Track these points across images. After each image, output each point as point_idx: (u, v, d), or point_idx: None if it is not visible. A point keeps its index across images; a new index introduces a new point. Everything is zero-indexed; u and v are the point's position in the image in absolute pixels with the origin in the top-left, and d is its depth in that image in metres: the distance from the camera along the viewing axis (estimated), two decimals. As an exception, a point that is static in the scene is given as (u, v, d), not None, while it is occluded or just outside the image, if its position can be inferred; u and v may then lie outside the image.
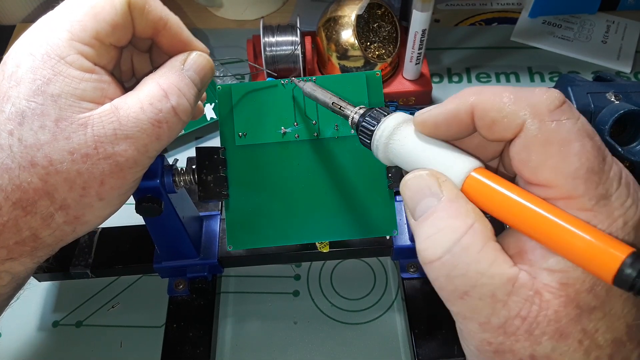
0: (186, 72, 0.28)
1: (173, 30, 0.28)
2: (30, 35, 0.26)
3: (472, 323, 0.20)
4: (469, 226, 0.20)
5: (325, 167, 0.34)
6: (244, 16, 0.64)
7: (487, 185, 0.21)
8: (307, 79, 0.33)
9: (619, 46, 0.60)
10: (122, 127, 0.25)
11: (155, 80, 0.27)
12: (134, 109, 0.25)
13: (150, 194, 0.32)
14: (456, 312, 0.21)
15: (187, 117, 0.27)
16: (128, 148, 0.25)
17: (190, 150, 0.52)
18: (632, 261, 0.17)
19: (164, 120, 0.26)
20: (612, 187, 0.19)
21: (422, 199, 0.21)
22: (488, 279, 0.19)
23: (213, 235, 0.41)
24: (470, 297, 0.20)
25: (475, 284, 0.20)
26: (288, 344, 0.41)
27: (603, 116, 0.39)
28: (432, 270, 0.21)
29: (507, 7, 0.66)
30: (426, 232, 0.21)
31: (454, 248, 0.20)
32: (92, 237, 0.42)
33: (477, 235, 0.20)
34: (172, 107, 0.26)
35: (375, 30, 0.51)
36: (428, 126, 0.23)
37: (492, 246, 0.20)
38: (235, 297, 0.43)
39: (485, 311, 0.20)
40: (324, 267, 0.45)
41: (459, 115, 0.22)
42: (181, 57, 0.28)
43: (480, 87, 0.22)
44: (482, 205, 0.21)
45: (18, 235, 0.25)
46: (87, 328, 0.42)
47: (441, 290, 0.21)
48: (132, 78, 0.32)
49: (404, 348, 0.40)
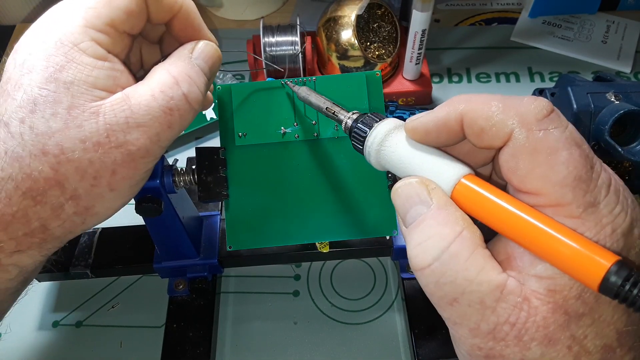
0: (195, 60, 0.27)
1: (188, 15, 0.28)
2: (43, 22, 0.25)
3: (462, 328, 0.21)
4: (458, 233, 0.20)
5: (325, 167, 0.34)
6: (244, 16, 0.64)
7: (476, 192, 0.21)
8: (306, 79, 0.33)
9: (619, 46, 0.60)
10: (134, 115, 0.25)
11: (165, 68, 0.27)
12: (145, 96, 0.25)
13: (150, 194, 0.32)
14: (447, 318, 0.21)
15: (198, 105, 0.27)
16: (140, 136, 0.25)
17: (190, 151, 0.52)
18: (617, 269, 0.17)
19: (176, 108, 0.26)
20: (601, 195, 0.19)
21: (412, 206, 0.22)
22: (476, 286, 0.20)
23: (213, 236, 0.41)
24: (460, 304, 0.20)
25: (463, 291, 0.20)
26: (288, 344, 0.41)
27: (603, 116, 0.39)
28: (422, 277, 0.21)
29: (507, 7, 0.66)
30: (416, 239, 0.21)
31: (442, 256, 0.20)
32: (92, 237, 0.42)
33: (465, 242, 0.20)
34: (184, 94, 0.26)
35: (375, 30, 0.51)
36: (419, 133, 0.23)
37: (480, 253, 0.20)
38: (235, 297, 0.43)
39: (475, 317, 0.20)
40: (324, 267, 0.45)
41: (449, 122, 0.22)
42: (189, 46, 0.28)
43: (470, 95, 0.22)
44: (471, 211, 0.21)
45: (27, 226, 0.25)
46: (87, 328, 0.42)
47: (431, 296, 0.21)
48: (140, 70, 0.31)
49: (404, 348, 0.40)
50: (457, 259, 0.20)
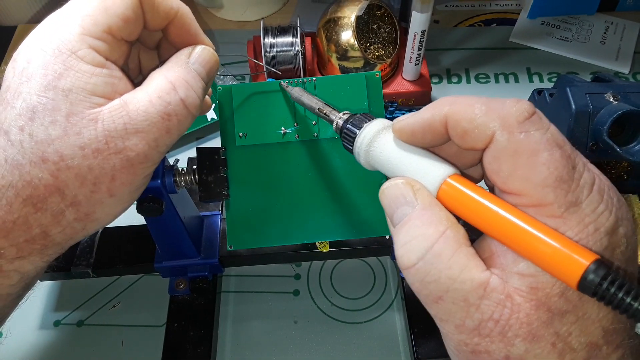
0: (192, 65, 0.28)
1: (183, 20, 0.28)
2: (41, 30, 0.25)
3: (448, 325, 0.21)
4: (441, 233, 0.21)
5: (325, 167, 0.34)
6: (245, 17, 0.64)
7: (461, 192, 0.21)
8: (306, 80, 0.33)
9: (617, 47, 0.60)
10: (132, 121, 0.25)
11: (162, 73, 0.27)
12: (143, 102, 0.25)
13: (152, 194, 0.32)
14: (434, 315, 0.22)
15: (196, 109, 0.27)
16: (139, 142, 0.25)
17: (191, 151, 0.52)
18: (595, 268, 0.18)
19: (174, 113, 0.26)
20: (583, 194, 0.20)
21: (399, 207, 0.22)
22: (459, 284, 0.20)
23: (214, 235, 0.41)
24: (444, 302, 0.21)
25: (447, 289, 0.20)
26: (288, 343, 0.41)
27: (602, 117, 0.39)
28: (409, 275, 0.22)
29: (506, 8, 0.66)
30: (402, 239, 0.22)
31: (426, 255, 0.21)
32: (93, 237, 0.42)
33: (448, 241, 0.21)
34: (181, 99, 0.26)
35: (374, 31, 0.51)
36: (405, 133, 0.23)
37: (464, 251, 0.21)
38: (236, 296, 0.43)
39: (460, 314, 0.20)
40: (324, 267, 0.45)
41: (434, 124, 0.22)
42: (186, 51, 0.28)
43: (455, 97, 0.22)
44: (456, 210, 0.22)
45: (28, 232, 0.25)
46: (89, 327, 0.42)
47: (418, 294, 0.22)
48: (139, 75, 0.32)
49: (404, 347, 0.40)
50: (440, 258, 0.20)
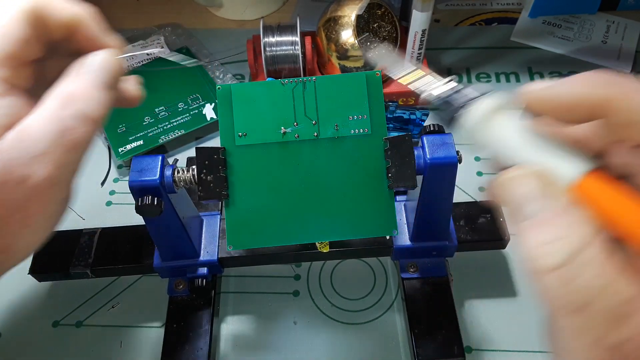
0: (90, 73, 0.26)
1: (79, 27, 0.27)
2: None
3: (584, 338, 0.19)
4: (592, 237, 0.18)
5: (325, 167, 0.34)
6: (244, 16, 0.64)
7: (607, 192, 0.18)
8: (306, 79, 0.33)
9: (619, 46, 0.60)
10: (33, 146, 0.23)
11: (60, 87, 0.25)
12: (41, 122, 0.24)
13: (150, 194, 0.32)
14: (564, 326, 0.19)
15: (100, 117, 0.26)
16: (44, 166, 0.24)
17: (190, 151, 0.52)
18: None
19: (71, 127, 0.24)
20: None
21: (530, 200, 0.20)
22: (609, 296, 0.18)
23: (213, 235, 0.41)
24: (586, 313, 0.18)
25: (593, 300, 0.18)
26: (288, 344, 0.41)
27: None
28: (545, 280, 0.19)
29: (507, 7, 0.66)
30: (539, 238, 0.19)
31: (575, 260, 0.18)
32: (92, 237, 0.42)
33: (601, 248, 0.18)
34: (79, 110, 0.25)
35: (375, 30, 0.51)
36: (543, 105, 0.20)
37: (615, 260, 0.18)
38: (235, 297, 0.43)
39: (602, 329, 0.18)
40: (324, 267, 0.45)
41: (584, 103, 0.19)
42: (83, 60, 0.27)
43: (617, 78, 0.19)
44: (599, 213, 0.19)
45: None
46: (87, 328, 0.42)
47: (552, 301, 0.19)
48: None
49: (404, 348, 0.40)
50: (591, 265, 0.18)
